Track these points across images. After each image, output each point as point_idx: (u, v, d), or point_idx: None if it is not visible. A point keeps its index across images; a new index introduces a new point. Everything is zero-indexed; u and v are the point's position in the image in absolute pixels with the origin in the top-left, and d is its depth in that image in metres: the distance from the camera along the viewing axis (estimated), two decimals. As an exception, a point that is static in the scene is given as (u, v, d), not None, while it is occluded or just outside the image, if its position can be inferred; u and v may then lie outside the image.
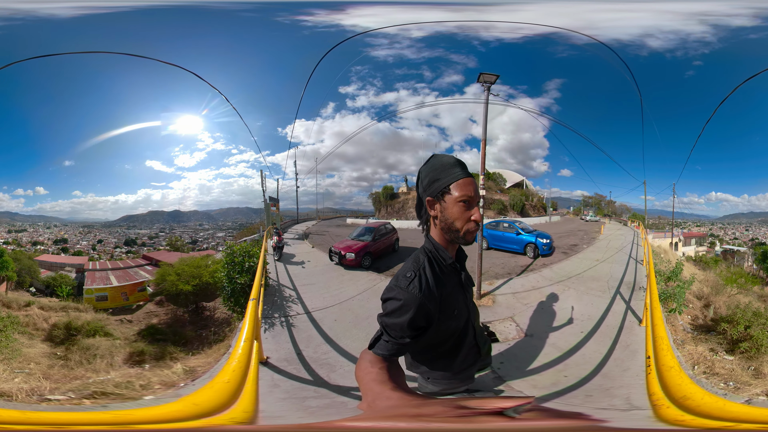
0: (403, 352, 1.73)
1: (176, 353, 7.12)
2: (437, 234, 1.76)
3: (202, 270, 10.74)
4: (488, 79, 8.56)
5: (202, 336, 8.91)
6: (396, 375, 1.60)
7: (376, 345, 1.69)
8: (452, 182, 1.66)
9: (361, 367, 1.64)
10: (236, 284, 7.53)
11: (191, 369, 5.67)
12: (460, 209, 1.65)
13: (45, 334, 7.55)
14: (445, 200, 1.67)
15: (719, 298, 8.17)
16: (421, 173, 1.76)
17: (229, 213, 20.74)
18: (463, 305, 1.82)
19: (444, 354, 1.86)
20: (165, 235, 19.66)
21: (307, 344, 5.68)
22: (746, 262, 14.77)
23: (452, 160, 1.72)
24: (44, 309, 9.75)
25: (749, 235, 16.20)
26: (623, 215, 18.97)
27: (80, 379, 4.21)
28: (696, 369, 5.09)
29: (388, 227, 12.23)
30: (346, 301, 7.65)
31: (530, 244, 11.36)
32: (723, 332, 6.11)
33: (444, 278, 1.72)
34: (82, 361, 5.40)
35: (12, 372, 3.92)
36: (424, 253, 1.75)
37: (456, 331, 1.80)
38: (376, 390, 1.42)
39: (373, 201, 21.91)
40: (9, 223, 17.94)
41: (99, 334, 7.47)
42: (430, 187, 1.70)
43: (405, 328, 1.60)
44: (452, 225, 1.67)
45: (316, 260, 11.04)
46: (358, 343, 5.69)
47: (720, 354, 5.59)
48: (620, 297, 7.84)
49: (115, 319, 9.98)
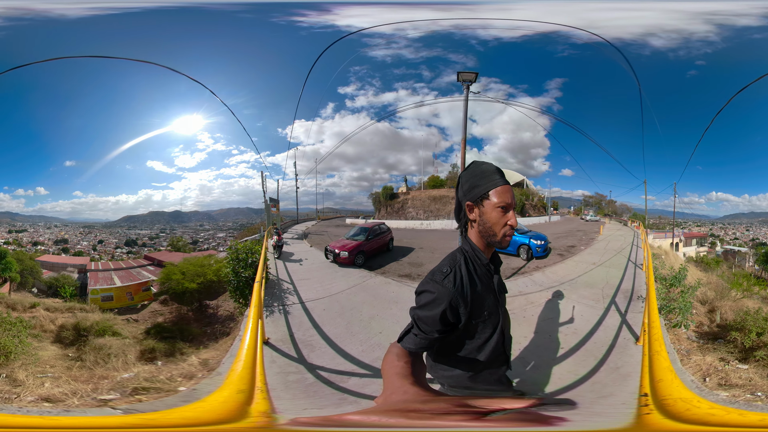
0: (431, 348, 1.76)
1: (186, 349, 7.31)
2: (475, 236, 1.82)
3: (206, 269, 11.13)
4: (467, 77, 8.55)
5: (208, 332, 9.21)
6: (419, 370, 1.62)
7: (405, 338, 1.73)
8: (491, 189, 1.74)
9: (386, 360, 1.65)
10: (241, 278, 8.43)
11: (205, 361, 6.04)
12: (498, 214, 1.73)
13: (53, 335, 7.57)
14: (483, 205, 1.75)
15: (724, 302, 7.85)
16: (461, 179, 1.84)
17: (229, 213, 20.73)
18: (494, 309, 1.85)
19: (469, 357, 1.86)
20: (166, 235, 19.64)
21: (298, 328, 6.53)
22: (747, 262, 14.84)
23: (492, 167, 1.80)
24: (50, 310, 9.76)
25: (750, 235, 16.28)
26: (624, 215, 19.02)
27: (108, 379, 4.25)
28: (708, 381, 4.75)
29: (383, 228, 12.68)
30: (336, 295, 8.37)
31: (523, 246, 10.93)
32: (733, 340, 5.84)
33: (478, 279, 1.77)
34: (98, 361, 5.43)
35: (36, 377, 3.95)
36: (461, 253, 1.81)
37: (485, 333, 1.82)
38: (396, 384, 1.43)
39: (373, 201, 21.97)
40: (9, 223, 17.89)
41: (107, 333, 7.51)
42: (470, 192, 1.78)
43: (436, 321, 1.65)
44: (490, 229, 1.75)
45: (313, 258, 11.56)
46: (339, 330, 6.49)
47: (732, 363, 5.31)
48: (615, 308, 7.16)
49: (121, 318, 10.05)
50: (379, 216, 20.87)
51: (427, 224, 18.65)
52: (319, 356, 5.54)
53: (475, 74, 8.60)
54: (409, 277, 9.72)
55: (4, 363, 4.26)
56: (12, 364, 4.28)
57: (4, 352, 4.40)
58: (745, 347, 5.57)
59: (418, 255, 12.19)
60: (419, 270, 10.30)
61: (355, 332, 6.46)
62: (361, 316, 7.25)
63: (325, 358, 5.51)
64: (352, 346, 5.86)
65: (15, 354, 4.48)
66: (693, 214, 16.96)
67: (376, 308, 7.67)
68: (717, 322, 6.96)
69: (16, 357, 4.46)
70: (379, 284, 9.30)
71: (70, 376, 4.23)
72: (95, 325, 7.78)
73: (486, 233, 1.77)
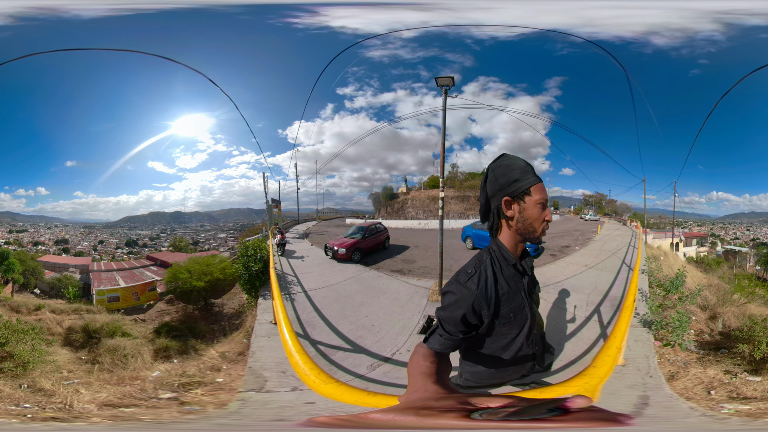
0: (455, 348, 1.73)
1: (198, 345, 7.49)
2: (507, 234, 1.77)
3: (212, 267, 11.35)
4: (444, 82, 8.59)
5: (215, 329, 9.54)
6: (443, 370, 1.60)
7: (431, 339, 1.71)
8: (533, 185, 1.69)
9: (412, 360, 1.63)
10: (252, 271, 9.37)
11: (223, 353, 6.39)
12: (538, 210, 1.70)
13: (62, 338, 7.56)
14: (525, 201, 1.70)
15: (727, 308, 7.28)
16: (494, 171, 1.75)
17: (230, 214, 20.72)
18: (521, 310, 1.80)
19: (493, 355, 1.85)
20: (166, 236, 19.63)
21: (302, 311, 7.81)
22: (748, 262, 14.87)
23: (526, 162, 1.74)
24: (56, 312, 9.73)
25: (750, 234, 16.35)
26: (624, 214, 19.05)
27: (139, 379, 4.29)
28: (715, 394, 4.36)
29: (380, 227, 13.41)
30: (333, 285, 9.58)
31: None
32: (741, 352, 5.24)
33: (505, 279, 1.74)
34: (115, 362, 5.45)
35: (64, 385, 3.95)
36: (488, 253, 1.77)
37: (510, 333, 1.80)
38: (419, 383, 1.43)
39: (373, 201, 22.01)
40: (10, 223, 17.84)
41: (117, 334, 7.53)
42: (509, 187, 1.70)
43: (458, 322, 1.63)
44: (530, 225, 1.71)
45: (313, 255, 12.43)
46: (335, 312, 7.75)
47: (741, 376, 4.81)
48: (597, 318, 6.66)
49: (129, 319, 10.08)
50: (379, 216, 20.92)
51: (425, 224, 18.72)
52: (319, 333, 6.82)
53: (452, 78, 8.66)
54: (400, 272, 10.36)
55: (22, 374, 4.28)
56: (31, 374, 4.30)
57: (21, 363, 4.42)
58: (755, 359, 5.03)
59: (411, 253, 12.65)
60: (411, 266, 10.92)
61: (347, 315, 7.67)
62: (353, 302, 8.39)
63: (322, 334, 6.76)
64: (343, 326, 7.07)
65: (33, 363, 4.49)
66: (693, 213, 17.04)
67: (366, 297, 8.71)
68: (719, 330, 6.47)
69: (34, 367, 4.48)
70: (371, 278, 10.16)
71: (100, 379, 4.25)
72: (105, 326, 7.79)
73: (525, 230, 1.72)
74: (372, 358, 5.86)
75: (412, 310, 7.78)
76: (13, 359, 4.43)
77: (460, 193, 20.73)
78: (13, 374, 4.29)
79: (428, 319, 7.15)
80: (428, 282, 9.35)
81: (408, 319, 7.33)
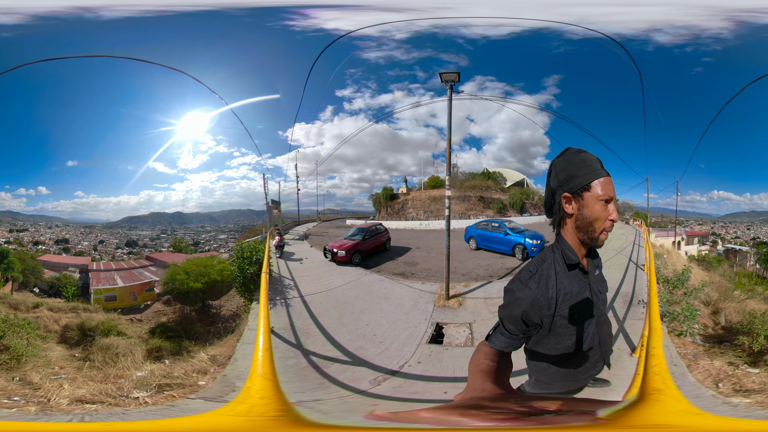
0: (516, 347, 1.70)
1: (192, 347, 7.41)
2: (570, 233, 1.69)
3: (209, 269, 11.35)
4: (449, 77, 8.50)
5: (212, 331, 9.37)
6: (503, 369, 1.57)
7: (492, 337, 1.67)
8: (594, 179, 1.59)
9: (473, 358, 1.61)
10: (247, 273, 9.18)
11: (213, 357, 6.25)
12: (601, 207, 1.58)
13: (58, 336, 7.57)
14: (583, 197, 1.60)
15: (728, 303, 7.52)
16: (555, 166, 1.68)
17: (231, 215, 20.71)
18: (584, 311, 1.71)
19: (554, 355, 1.77)
20: (167, 236, 19.64)
21: (297, 318, 7.28)
22: (749, 261, 14.84)
23: (591, 155, 1.65)
24: (53, 310, 9.76)
25: (750, 234, 16.29)
26: (626, 213, 19.01)
27: (123, 378, 4.27)
28: (722, 387, 4.54)
29: (380, 228, 13.01)
30: (332, 290, 9.04)
31: (519, 245, 10.73)
32: (741, 344, 5.61)
33: (568, 279, 1.66)
34: (106, 361, 5.43)
35: (51, 379, 3.95)
36: (551, 251, 1.71)
37: (574, 335, 1.72)
38: (477, 381, 1.42)
39: (373, 202, 21.98)
40: (10, 222, 17.87)
41: (112, 333, 7.52)
42: (568, 182, 1.62)
43: (519, 321, 1.59)
44: (590, 224, 1.61)
45: (312, 257, 12.05)
46: (332, 320, 7.17)
47: (742, 368, 5.08)
48: (612, 314, 6.65)
49: (125, 318, 10.09)
50: (380, 217, 20.92)
51: (426, 224, 18.67)
52: (313, 343, 6.32)
53: (458, 74, 8.54)
54: (403, 276, 9.90)
55: (15, 366, 4.28)
56: (24, 367, 4.29)
57: (16, 355, 4.42)
58: (754, 351, 5.35)
59: (414, 254, 12.32)
60: (414, 269, 10.47)
61: (346, 323, 7.13)
62: (353, 309, 7.83)
63: (317, 344, 6.26)
64: (341, 335, 6.54)
65: (26, 357, 4.49)
66: (695, 212, 16.96)
67: (367, 303, 8.13)
68: (722, 324, 6.70)
69: (27, 360, 4.47)
70: (372, 281, 9.64)
71: (86, 376, 4.23)
72: (100, 325, 7.80)
73: (584, 228, 1.62)
74: (375, 371, 5.42)
75: (418, 317, 7.27)
76: (9, 352, 4.44)
77: (461, 194, 20.71)
78: (8, 366, 4.29)
79: (437, 327, 6.67)
80: (433, 286, 8.88)
81: (414, 328, 6.81)
